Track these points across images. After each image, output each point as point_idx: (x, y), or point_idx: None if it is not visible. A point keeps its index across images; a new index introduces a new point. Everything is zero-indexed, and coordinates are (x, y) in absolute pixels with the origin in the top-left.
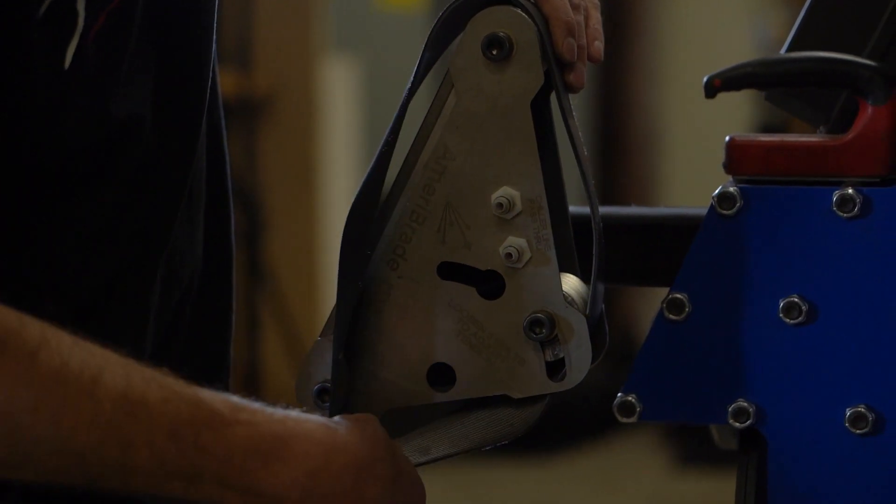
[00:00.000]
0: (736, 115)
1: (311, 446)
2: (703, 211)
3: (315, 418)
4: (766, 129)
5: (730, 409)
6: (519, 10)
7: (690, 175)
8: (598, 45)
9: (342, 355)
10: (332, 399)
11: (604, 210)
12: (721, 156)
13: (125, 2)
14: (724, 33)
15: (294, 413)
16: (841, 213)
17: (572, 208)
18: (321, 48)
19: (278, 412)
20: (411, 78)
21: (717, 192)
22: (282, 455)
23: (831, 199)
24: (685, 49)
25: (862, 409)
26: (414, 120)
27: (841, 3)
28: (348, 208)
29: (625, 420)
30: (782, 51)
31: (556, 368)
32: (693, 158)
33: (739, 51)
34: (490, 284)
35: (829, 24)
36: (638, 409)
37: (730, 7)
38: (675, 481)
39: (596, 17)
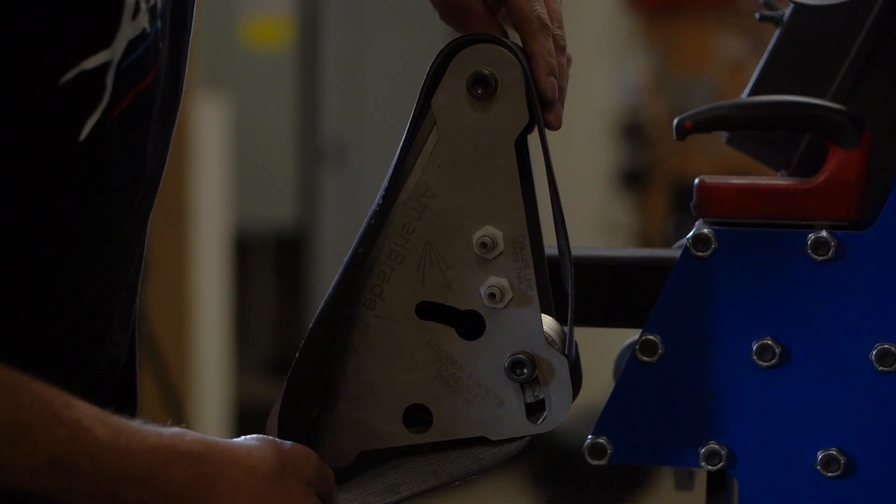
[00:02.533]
0: (595, 160)
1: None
2: (676, 253)
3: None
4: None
5: (701, 452)
6: (503, 48)
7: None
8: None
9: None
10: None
11: (576, 251)
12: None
13: (152, 84)
14: (585, 79)
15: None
16: (815, 256)
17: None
18: (191, 85)
19: (152, 435)
20: (405, 133)
21: (691, 233)
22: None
23: (805, 242)
24: None
25: (834, 451)
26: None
27: (803, 47)
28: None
29: (595, 462)
30: (744, 93)
31: (534, 409)
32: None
33: (600, 96)
34: (469, 325)
35: (792, 68)
36: (609, 452)
37: (590, 53)
38: None
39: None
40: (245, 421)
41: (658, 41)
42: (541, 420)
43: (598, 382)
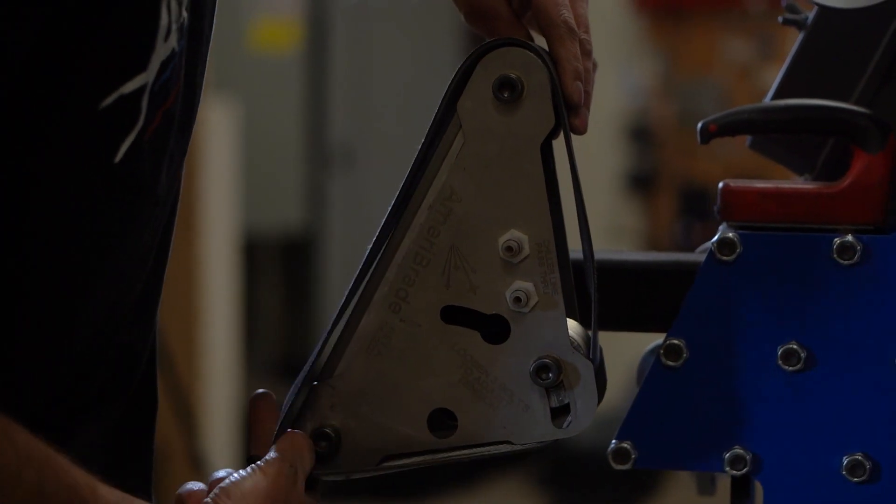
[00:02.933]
0: (602, 163)
1: None
2: (700, 257)
3: None
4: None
5: (726, 457)
6: (530, 52)
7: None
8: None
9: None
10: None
11: (600, 255)
12: None
13: (174, 101)
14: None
15: None
16: (841, 261)
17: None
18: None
19: None
20: (427, 136)
21: (716, 237)
22: None
23: (831, 246)
24: None
25: (859, 457)
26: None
27: (827, 50)
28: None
29: (619, 467)
30: (768, 97)
31: (558, 413)
32: (568, 201)
33: (607, 99)
34: (494, 329)
35: (815, 71)
36: (633, 457)
37: (597, 56)
38: None
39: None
40: None
41: (665, 44)
42: (566, 424)
43: (610, 386)
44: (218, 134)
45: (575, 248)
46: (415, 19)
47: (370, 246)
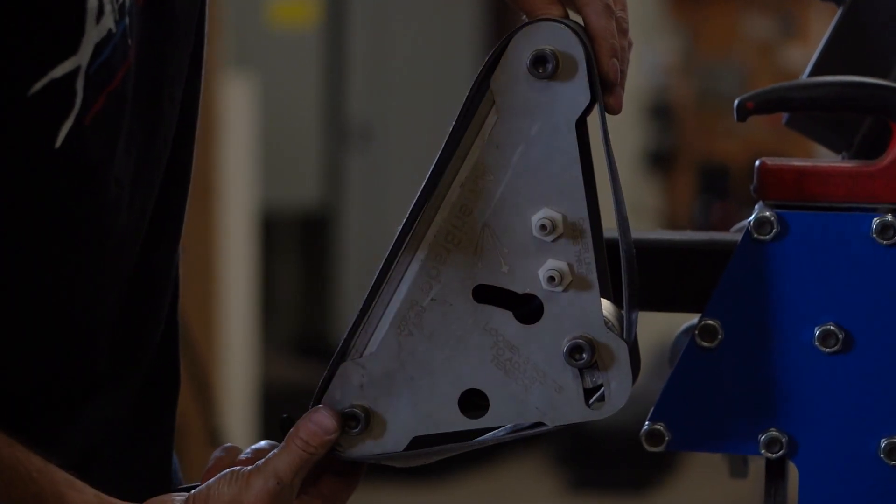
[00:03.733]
0: (622, 142)
1: None
2: (735, 237)
3: None
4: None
5: (762, 439)
6: (566, 27)
7: None
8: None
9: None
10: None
11: (634, 235)
12: None
13: (123, 82)
14: None
15: None
16: (880, 240)
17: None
18: (218, 65)
19: None
20: (460, 113)
21: (752, 216)
22: None
23: (870, 225)
24: None
25: None
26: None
27: (865, 26)
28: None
29: (652, 449)
30: (804, 74)
31: (591, 393)
32: None
33: (629, 77)
34: (527, 308)
35: (853, 48)
36: (666, 438)
37: None
38: None
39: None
40: (270, 400)
41: (686, 22)
42: (600, 405)
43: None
44: (236, 110)
45: (609, 227)
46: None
47: (402, 224)
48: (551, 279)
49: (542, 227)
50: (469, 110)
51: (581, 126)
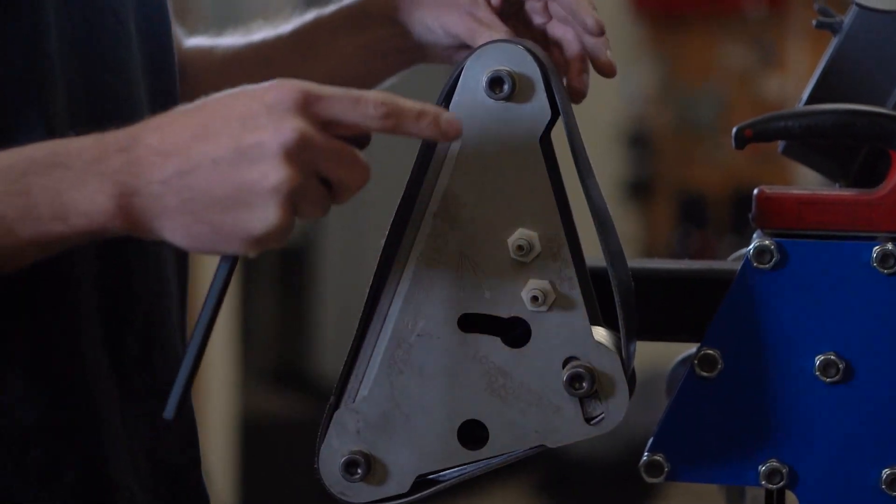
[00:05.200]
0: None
1: (86, 140)
2: (734, 265)
3: None
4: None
5: (762, 470)
6: (517, 46)
7: None
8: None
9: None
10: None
11: (632, 263)
12: None
13: None
14: (590, 88)
15: None
16: (881, 269)
17: (592, 262)
18: None
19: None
20: (423, 143)
21: (752, 245)
22: (60, 160)
23: (871, 254)
24: None
25: None
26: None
27: (862, 54)
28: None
29: (651, 480)
30: (801, 102)
31: (588, 405)
32: None
33: (605, 105)
34: (515, 332)
35: (850, 76)
36: (666, 469)
37: None
38: None
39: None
40: (250, 431)
41: (663, 50)
42: (597, 421)
43: None
44: None
45: (599, 256)
46: None
47: (377, 263)
48: (535, 299)
49: (519, 247)
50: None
51: (546, 143)
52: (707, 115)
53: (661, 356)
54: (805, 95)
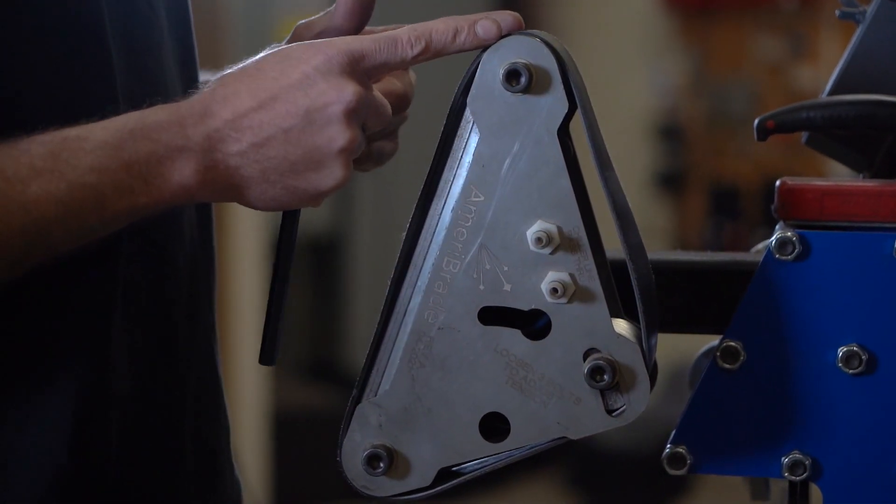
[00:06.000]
0: (631, 162)
1: (166, 112)
2: (756, 257)
3: None
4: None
5: (784, 462)
6: (533, 38)
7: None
8: None
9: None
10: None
11: (653, 255)
12: None
13: None
14: (621, 80)
15: None
16: None
17: (614, 255)
18: None
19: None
20: (441, 138)
21: (774, 237)
22: (148, 133)
23: (893, 245)
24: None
25: None
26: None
27: (884, 44)
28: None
29: (674, 472)
30: (824, 93)
31: (609, 397)
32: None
33: (636, 97)
34: (535, 324)
35: (874, 66)
36: (688, 461)
37: (627, 54)
38: None
39: None
40: (282, 426)
41: (695, 42)
42: (619, 413)
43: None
44: None
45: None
46: (444, 15)
47: (398, 257)
48: (554, 291)
49: (538, 239)
50: (450, 133)
51: (564, 135)
52: (739, 106)
53: (691, 348)
54: (829, 86)
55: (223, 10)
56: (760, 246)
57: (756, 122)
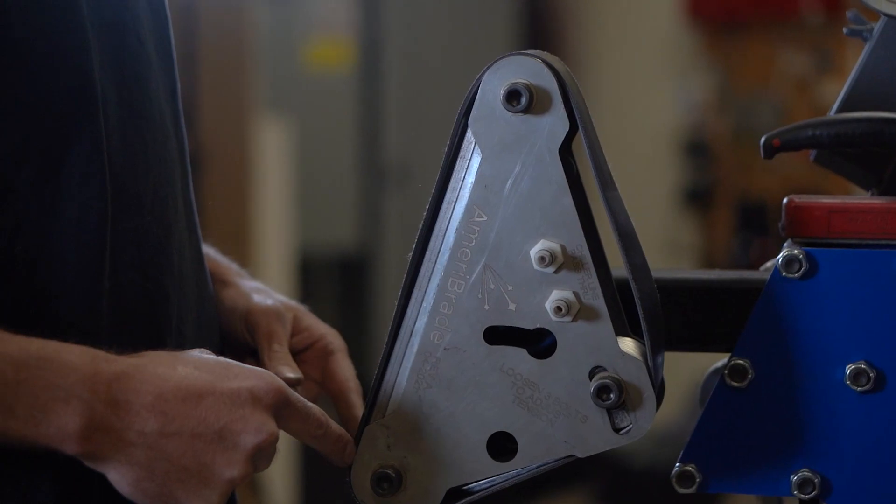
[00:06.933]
0: (658, 179)
1: (85, 356)
2: (764, 275)
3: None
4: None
5: (793, 480)
6: (534, 58)
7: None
8: None
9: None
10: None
11: (661, 273)
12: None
13: None
14: (648, 96)
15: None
16: None
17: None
18: (253, 109)
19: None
20: (444, 160)
21: (781, 255)
22: (56, 366)
23: None
24: (611, 110)
25: None
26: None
27: (892, 61)
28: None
29: (683, 490)
30: (832, 110)
31: (616, 416)
32: None
33: (663, 113)
34: (541, 343)
35: (881, 83)
36: (697, 480)
37: (653, 70)
38: None
39: None
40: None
41: (721, 58)
42: (626, 430)
43: (669, 402)
44: (272, 153)
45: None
46: (468, 35)
47: (404, 279)
48: (558, 309)
49: (542, 258)
50: (453, 154)
51: (566, 154)
52: (765, 121)
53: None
54: (837, 103)
55: (249, 29)
56: (769, 264)
57: (762, 140)
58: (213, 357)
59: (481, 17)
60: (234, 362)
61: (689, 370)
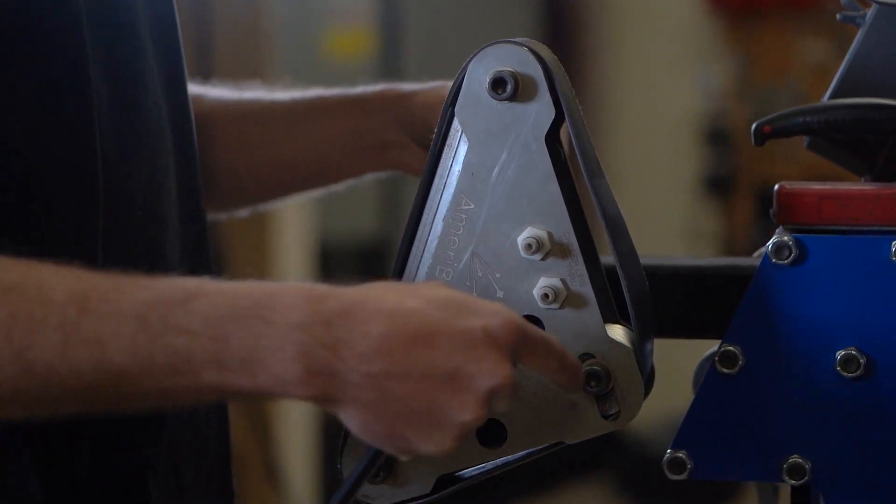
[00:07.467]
0: (679, 167)
1: (296, 299)
2: (756, 261)
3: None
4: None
5: (784, 466)
6: (519, 45)
7: (642, 226)
8: None
9: None
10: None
11: (651, 260)
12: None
13: None
14: (667, 84)
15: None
16: None
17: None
18: None
19: (250, 282)
20: (432, 147)
21: (771, 242)
22: (265, 314)
23: (890, 248)
24: (631, 99)
25: None
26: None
27: (886, 48)
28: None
29: (674, 477)
30: (826, 96)
31: (604, 402)
32: (644, 205)
33: (682, 101)
34: None
35: (874, 70)
36: (688, 467)
37: (672, 57)
38: None
39: None
40: (330, 432)
41: (741, 45)
42: (614, 417)
43: (682, 393)
44: None
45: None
46: (488, 24)
47: (392, 268)
48: (545, 296)
49: (528, 245)
50: (440, 143)
51: (553, 141)
52: (785, 109)
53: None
54: (830, 90)
55: (267, 20)
56: (762, 251)
57: (753, 127)
58: (445, 291)
59: (502, 7)
60: (469, 297)
61: (700, 357)
